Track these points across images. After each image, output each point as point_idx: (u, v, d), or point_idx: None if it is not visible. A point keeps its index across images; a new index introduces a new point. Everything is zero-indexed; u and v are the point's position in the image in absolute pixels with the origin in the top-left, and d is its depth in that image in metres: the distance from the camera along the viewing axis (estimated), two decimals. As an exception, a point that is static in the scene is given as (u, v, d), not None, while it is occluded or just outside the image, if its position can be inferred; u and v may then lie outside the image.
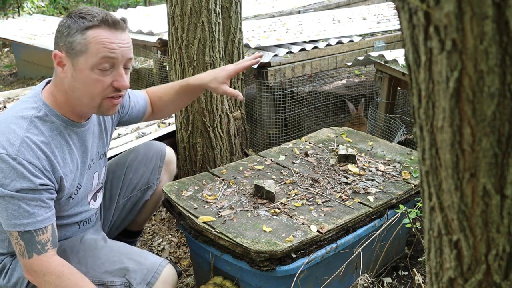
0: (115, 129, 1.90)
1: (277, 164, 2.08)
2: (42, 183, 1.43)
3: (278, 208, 1.74)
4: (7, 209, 1.40)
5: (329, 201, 1.79)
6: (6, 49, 7.55)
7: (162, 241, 2.43)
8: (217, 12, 2.40)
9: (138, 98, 1.90)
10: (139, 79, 4.56)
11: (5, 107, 3.67)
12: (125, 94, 1.84)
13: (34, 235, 1.43)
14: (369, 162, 2.08)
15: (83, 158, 1.62)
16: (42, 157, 1.44)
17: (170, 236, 2.46)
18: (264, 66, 3.26)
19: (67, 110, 1.54)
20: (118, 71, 1.48)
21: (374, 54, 3.11)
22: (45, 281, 1.46)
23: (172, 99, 1.92)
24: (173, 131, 2.82)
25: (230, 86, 2.69)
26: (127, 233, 2.09)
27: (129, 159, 1.94)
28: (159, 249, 2.37)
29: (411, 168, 2.03)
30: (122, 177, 1.93)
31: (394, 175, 1.97)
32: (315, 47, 3.58)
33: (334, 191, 1.85)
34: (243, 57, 2.76)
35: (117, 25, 1.48)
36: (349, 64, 3.63)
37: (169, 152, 2.00)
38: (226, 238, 1.57)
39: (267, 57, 3.32)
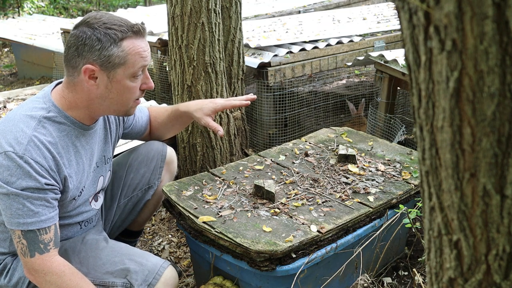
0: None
1: (277, 164, 2.08)
2: (48, 182, 1.44)
3: (278, 208, 1.74)
4: (11, 207, 1.41)
5: (329, 201, 1.79)
6: (6, 49, 7.55)
7: (162, 241, 2.43)
8: (217, 12, 2.40)
9: (142, 114, 1.94)
10: (139, 79, 4.54)
11: (5, 107, 3.68)
12: None
13: (37, 234, 1.43)
14: (369, 162, 2.08)
15: (90, 161, 1.63)
16: (49, 157, 1.45)
17: (170, 236, 2.46)
18: (264, 66, 3.26)
19: (79, 113, 1.55)
20: (145, 74, 1.57)
21: (374, 54, 3.11)
22: (46, 281, 1.47)
23: (164, 121, 1.96)
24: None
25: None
26: (128, 233, 2.09)
27: (130, 159, 1.95)
28: (159, 249, 2.37)
29: (411, 168, 2.03)
30: (123, 177, 1.93)
31: (394, 175, 1.97)
32: (315, 47, 3.58)
33: (334, 191, 1.85)
34: (243, 57, 2.76)
35: (143, 32, 1.54)
36: (349, 64, 3.63)
37: (170, 152, 2.00)
38: (226, 238, 1.57)
39: (267, 57, 3.32)
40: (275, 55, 3.36)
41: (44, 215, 1.44)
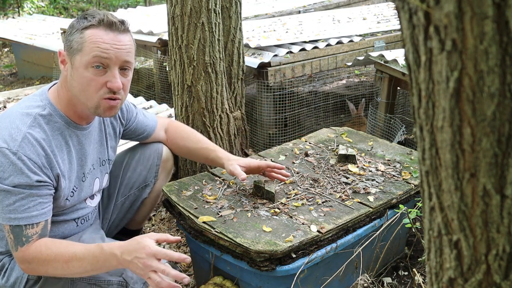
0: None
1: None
2: (39, 179, 1.44)
3: (278, 208, 1.74)
4: (2, 202, 1.42)
5: (329, 201, 1.79)
6: (6, 49, 7.55)
7: (162, 241, 2.42)
8: (217, 12, 2.40)
9: (147, 119, 1.94)
10: (139, 79, 4.56)
11: (5, 107, 3.68)
12: (135, 110, 1.89)
13: (23, 229, 1.44)
14: (369, 162, 2.08)
15: (81, 161, 1.63)
16: (42, 154, 1.46)
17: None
18: (264, 66, 3.26)
19: (70, 110, 1.56)
20: (112, 72, 1.50)
21: (374, 54, 3.11)
22: (32, 269, 1.47)
23: (191, 148, 1.97)
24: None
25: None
26: (127, 232, 2.09)
27: (127, 158, 1.96)
28: (159, 249, 2.37)
29: (411, 168, 2.03)
30: (119, 176, 1.94)
31: (394, 175, 1.97)
32: (315, 47, 3.58)
33: (334, 191, 1.85)
34: (243, 57, 2.76)
35: (113, 26, 1.50)
36: (349, 64, 3.63)
37: (166, 150, 2.01)
38: (226, 238, 1.57)
39: (267, 57, 3.32)
40: (275, 55, 3.36)
41: (36, 210, 1.44)
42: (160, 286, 1.35)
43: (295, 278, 1.55)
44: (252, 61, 3.26)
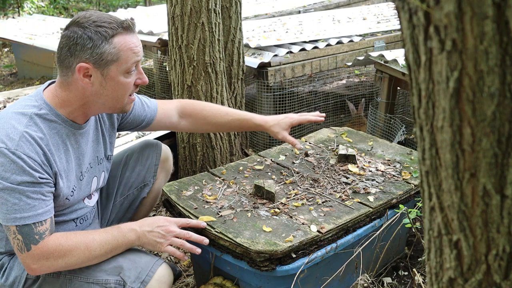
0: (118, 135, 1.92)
1: (277, 164, 2.08)
2: (42, 176, 1.44)
3: (278, 208, 1.74)
4: (7, 202, 1.41)
5: (329, 201, 1.79)
6: (6, 49, 7.56)
7: (162, 241, 2.42)
8: (217, 12, 2.40)
9: (144, 109, 1.91)
10: (139, 79, 4.55)
11: (4, 107, 3.68)
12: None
13: (33, 227, 1.43)
14: (369, 162, 2.08)
15: (79, 160, 1.63)
16: (40, 152, 1.46)
17: (170, 236, 2.45)
18: (264, 66, 3.26)
19: (72, 111, 1.55)
20: (138, 69, 1.58)
21: (374, 54, 3.11)
22: (49, 265, 1.47)
23: (220, 123, 1.98)
24: (173, 131, 2.82)
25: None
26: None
27: (125, 158, 1.96)
28: (159, 249, 2.37)
29: (411, 168, 2.03)
30: (118, 176, 1.94)
31: (394, 175, 1.97)
32: (315, 47, 3.58)
33: (334, 191, 1.85)
34: (243, 57, 2.76)
35: (133, 27, 1.56)
36: (349, 64, 3.63)
37: (165, 149, 2.01)
38: (226, 238, 1.57)
39: (267, 57, 3.32)
40: (275, 55, 3.36)
41: (41, 208, 1.44)
42: (184, 247, 1.54)
43: (295, 278, 1.55)
44: (252, 61, 3.26)
